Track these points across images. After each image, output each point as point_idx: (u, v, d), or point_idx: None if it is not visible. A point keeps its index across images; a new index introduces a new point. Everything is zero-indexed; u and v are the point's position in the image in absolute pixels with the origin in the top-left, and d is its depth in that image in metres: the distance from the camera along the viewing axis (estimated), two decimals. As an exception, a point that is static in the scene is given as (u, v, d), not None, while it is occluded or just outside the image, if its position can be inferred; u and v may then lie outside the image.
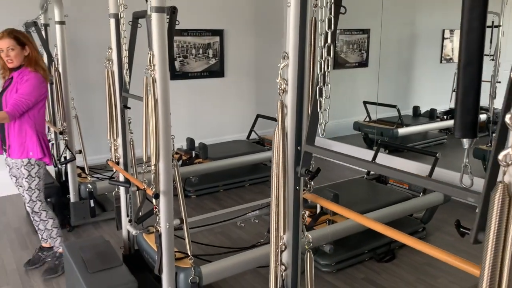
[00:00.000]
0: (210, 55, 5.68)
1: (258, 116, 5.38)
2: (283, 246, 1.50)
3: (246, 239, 3.50)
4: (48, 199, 3.44)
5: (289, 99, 1.41)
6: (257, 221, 3.35)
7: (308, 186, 1.50)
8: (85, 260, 2.41)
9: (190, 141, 4.64)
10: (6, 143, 2.88)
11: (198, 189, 4.52)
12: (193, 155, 4.58)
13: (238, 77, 5.97)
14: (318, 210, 3.04)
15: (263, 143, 5.20)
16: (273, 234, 1.45)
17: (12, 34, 2.77)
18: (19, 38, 2.79)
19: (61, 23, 3.50)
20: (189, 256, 2.35)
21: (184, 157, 4.59)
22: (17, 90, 2.77)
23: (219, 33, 5.66)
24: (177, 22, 2.17)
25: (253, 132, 5.38)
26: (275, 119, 5.14)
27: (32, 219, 3.03)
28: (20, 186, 2.99)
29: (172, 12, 2.13)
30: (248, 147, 5.05)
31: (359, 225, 2.97)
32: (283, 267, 1.51)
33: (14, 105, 2.71)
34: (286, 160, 1.40)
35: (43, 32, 3.82)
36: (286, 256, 1.53)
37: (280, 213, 1.41)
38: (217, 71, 5.78)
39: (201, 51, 5.59)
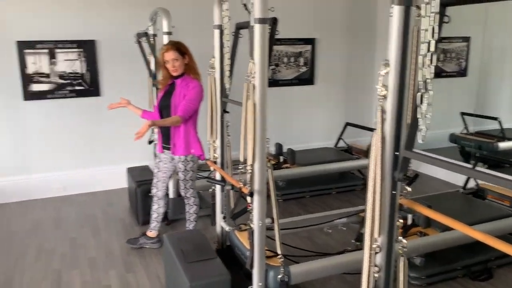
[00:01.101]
0: (301, 63, 5.78)
1: (347, 124, 5.36)
2: (378, 248, 1.53)
3: (333, 246, 3.52)
4: (149, 194, 3.77)
5: (389, 105, 1.45)
6: (344, 229, 3.37)
7: (405, 191, 1.53)
8: (184, 251, 2.62)
9: (279, 146, 4.77)
10: (170, 142, 3.29)
11: (284, 193, 4.62)
12: (281, 160, 4.70)
13: (328, 85, 6.00)
14: (409, 221, 2.97)
15: (351, 152, 5.17)
16: (367, 236, 1.49)
17: (175, 46, 3.15)
18: (180, 49, 3.16)
19: (168, 33, 3.83)
20: (279, 255, 2.45)
21: (272, 162, 4.73)
22: (184, 96, 3.15)
23: (311, 41, 5.75)
24: (276, 32, 2.30)
25: (341, 140, 5.37)
26: (364, 128, 5.09)
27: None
28: (163, 176, 3.47)
29: (273, 23, 2.26)
30: (336, 154, 5.05)
31: (452, 239, 2.87)
32: (376, 268, 1.54)
33: (184, 110, 3.13)
34: (383, 164, 1.44)
35: (151, 41, 4.21)
36: (379, 259, 1.56)
37: (375, 216, 1.45)
38: (307, 79, 5.87)
39: (292, 59, 5.72)
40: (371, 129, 5.04)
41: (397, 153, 1.46)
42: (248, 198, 2.35)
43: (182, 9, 4.54)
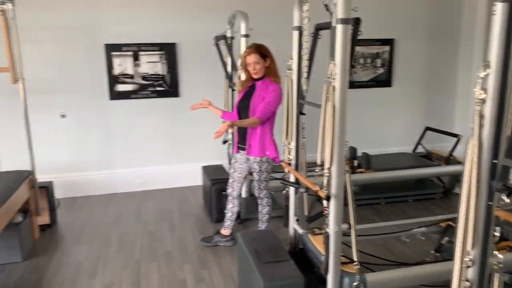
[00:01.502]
0: (378, 64, 5.60)
1: (427, 128, 5.11)
2: (470, 262, 1.43)
3: (410, 255, 3.36)
4: (223, 192, 3.85)
5: (488, 109, 1.34)
6: (423, 238, 3.20)
7: (502, 202, 1.41)
8: (258, 251, 2.63)
9: (353, 150, 4.65)
10: (245, 143, 3.36)
11: (358, 199, 4.46)
12: (355, 164, 4.58)
13: (406, 87, 5.76)
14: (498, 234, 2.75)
15: (431, 158, 4.91)
16: (458, 248, 1.40)
17: (257, 49, 3.22)
18: (262, 52, 3.23)
19: (246, 36, 3.89)
20: (355, 262, 2.38)
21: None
22: (264, 98, 3.21)
23: (389, 42, 5.55)
24: (359, 33, 2.24)
25: (419, 146, 5.12)
26: (446, 133, 4.77)
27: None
28: (239, 177, 3.51)
29: (356, 23, 2.20)
30: (414, 160, 4.83)
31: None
32: (467, 283, 1.44)
33: (263, 112, 3.19)
34: (480, 173, 1.34)
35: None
36: (471, 273, 1.45)
37: (468, 227, 1.35)
38: (384, 81, 5.67)
39: (369, 60, 5.56)
40: (453, 135, 4.75)
41: (496, 161, 1.35)
42: (325, 202, 2.31)
43: (259, 12, 4.59)
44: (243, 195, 4.03)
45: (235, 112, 3.45)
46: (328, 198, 2.27)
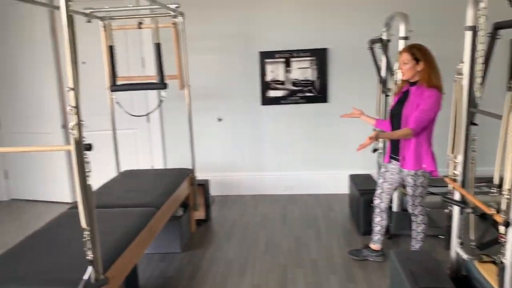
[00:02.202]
0: None
1: None
2: None
3: None
4: (371, 204, 3.66)
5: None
6: None
7: None
8: (414, 273, 2.41)
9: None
10: (399, 153, 3.12)
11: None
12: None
13: None
14: None
15: None
16: None
17: (410, 50, 3.01)
18: (415, 53, 2.98)
19: (405, 38, 3.63)
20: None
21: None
22: (418, 106, 2.97)
23: None
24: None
25: None
26: None
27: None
28: (389, 188, 3.29)
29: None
30: None
31: None
32: None
33: (417, 122, 2.94)
34: None
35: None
36: None
37: None
38: None
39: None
40: None
41: None
42: (501, 228, 2.00)
43: (419, 12, 4.27)
44: (394, 208, 3.78)
45: (389, 120, 3.24)
46: (507, 225, 1.96)
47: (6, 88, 5.12)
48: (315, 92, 5.03)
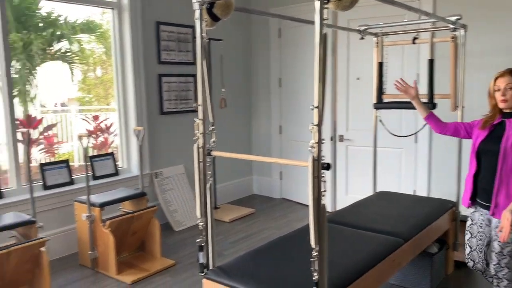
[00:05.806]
0: None
1: None
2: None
3: None
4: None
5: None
6: None
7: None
8: None
9: None
10: (491, 199, 2.61)
11: None
12: None
13: None
14: None
15: None
16: None
17: None
18: None
19: None
20: None
21: None
22: None
23: None
24: None
25: None
26: None
27: (489, 280, 2.81)
28: (480, 244, 2.79)
29: None
30: None
31: None
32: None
33: None
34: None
35: None
36: None
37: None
38: None
39: None
40: None
41: None
42: None
43: None
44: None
45: (472, 157, 2.71)
46: None
47: (288, 99, 5.78)
48: None
